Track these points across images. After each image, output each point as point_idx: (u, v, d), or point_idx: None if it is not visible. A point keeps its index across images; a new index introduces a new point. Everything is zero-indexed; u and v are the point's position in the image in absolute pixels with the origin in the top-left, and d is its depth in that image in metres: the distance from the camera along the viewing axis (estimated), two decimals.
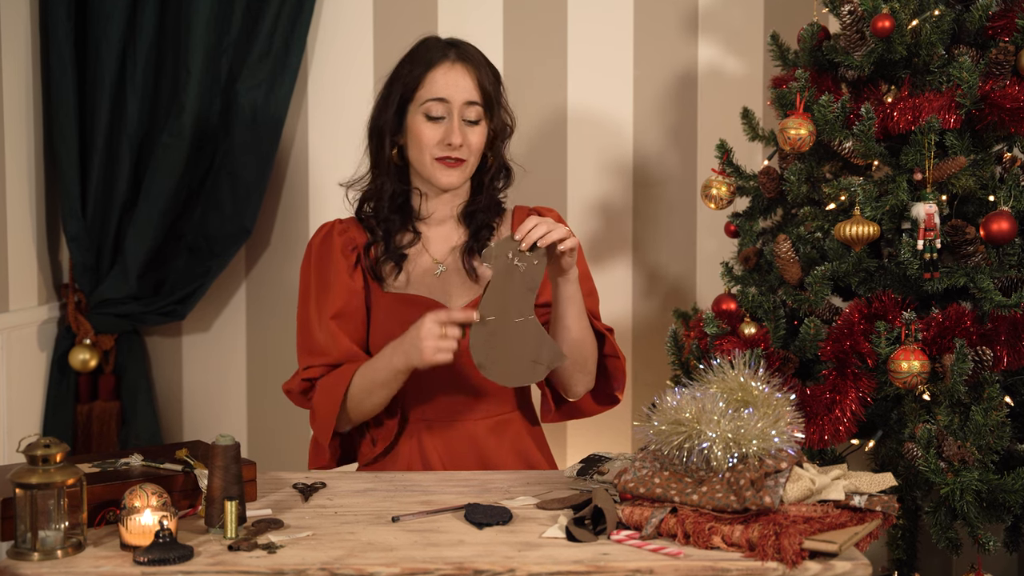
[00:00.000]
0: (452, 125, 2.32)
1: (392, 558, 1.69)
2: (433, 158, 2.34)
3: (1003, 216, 2.50)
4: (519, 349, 2.15)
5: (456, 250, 2.41)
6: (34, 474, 1.68)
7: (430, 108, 2.33)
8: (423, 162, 2.35)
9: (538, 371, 2.18)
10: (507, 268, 2.12)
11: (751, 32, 3.38)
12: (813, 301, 2.63)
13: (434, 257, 2.40)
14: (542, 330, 2.17)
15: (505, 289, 2.13)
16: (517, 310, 2.14)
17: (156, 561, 1.66)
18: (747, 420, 1.78)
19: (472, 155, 2.36)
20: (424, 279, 2.38)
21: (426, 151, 2.34)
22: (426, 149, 2.33)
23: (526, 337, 2.15)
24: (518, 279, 2.13)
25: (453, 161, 2.33)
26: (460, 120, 2.33)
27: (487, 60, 2.40)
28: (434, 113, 2.33)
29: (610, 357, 2.39)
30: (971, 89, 2.54)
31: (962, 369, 2.44)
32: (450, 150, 2.32)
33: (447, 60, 2.35)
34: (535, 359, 2.16)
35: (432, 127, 2.33)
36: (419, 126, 2.34)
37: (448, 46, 2.38)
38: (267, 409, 3.42)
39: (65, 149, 3.18)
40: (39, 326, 3.23)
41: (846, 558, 1.67)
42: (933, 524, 2.52)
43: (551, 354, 2.17)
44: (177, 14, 3.20)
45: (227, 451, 1.81)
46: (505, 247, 2.13)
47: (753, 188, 2.91)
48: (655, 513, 1.78)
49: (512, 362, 2.16)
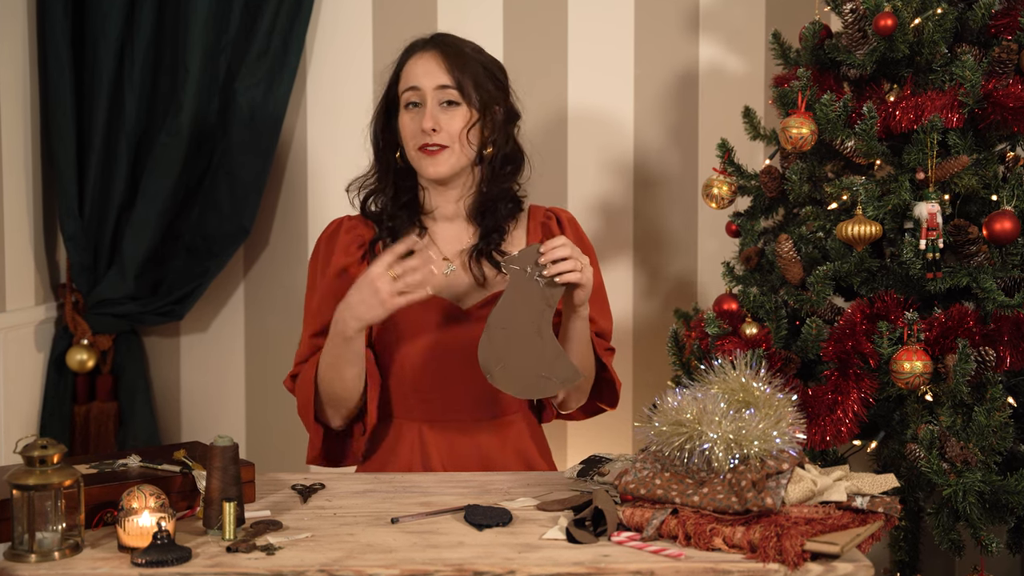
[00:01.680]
0: (427, 111, 2.31)
1: (391, 560, 1.69)
2: (415, 149, 2.33)
3: (1006, 216, 2.49)
4: (531, 362, 2.13)
5: (465, 251, 2.39)
6: (31, 475, 1.68)
7: (407, 98, 2.34)
8: (411, 156, 2.35)
9: (549, 386, 2.16)
10: (525, 280, 2.11)
11: (753, 30, 3.38)
12: (815, 301, 2.63)
13: (443, 255, 2.39)
14: (559, 348, 2.16)
15: (521, 301, 2.12)
16: (533, 324, 2.12)
17: (154, 563, 1.66)
18: (748, 421, 1.79)
19: (454, 141, 2.32)
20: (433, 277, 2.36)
21: (409, 143, 2.34)
22: (409, 141, 2.33)
23: (542, 352, 2.13)
24: (536, 293, 2.12)
25: (434, 148, 2.31)
26: (435, 104, 2.32)
27: (475, 49, 2.39)
28: (410, 101, 2.33)
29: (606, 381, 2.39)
30: (974, 88, 2.54)
31: (965, 369, 2.44)
32: (425, 136, 2.30)
33: (418, 51, 2.36)
34: (547, 374, 2.14)
35: (410, 116, 2.34)
36: (402, 119, 2.35)
37: (422, 39, 2.39)
38: (266, 410, 3.42)
39: (62, 148, 3.17)
40: (36, 326, 3.22)
41: (848, 560, 1.67)
42: (935, 525, 2.51)
43: (566, 372, 2.15)
44: (175, 12, 3.19)
45: (225, 452, 1.81)
46: (526, 258, 2.11)
47: (754, 187, 2.90)
48: (656, 514, 1.77)
49: (521, 373, 2.14)
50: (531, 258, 2.11)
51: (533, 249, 2.12)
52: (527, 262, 2.11)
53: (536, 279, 2.11)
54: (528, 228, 2.43)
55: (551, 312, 2.13)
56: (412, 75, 2.34)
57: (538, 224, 2.42)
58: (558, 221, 2.44)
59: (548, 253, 2.10)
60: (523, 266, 2.11)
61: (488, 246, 2.36)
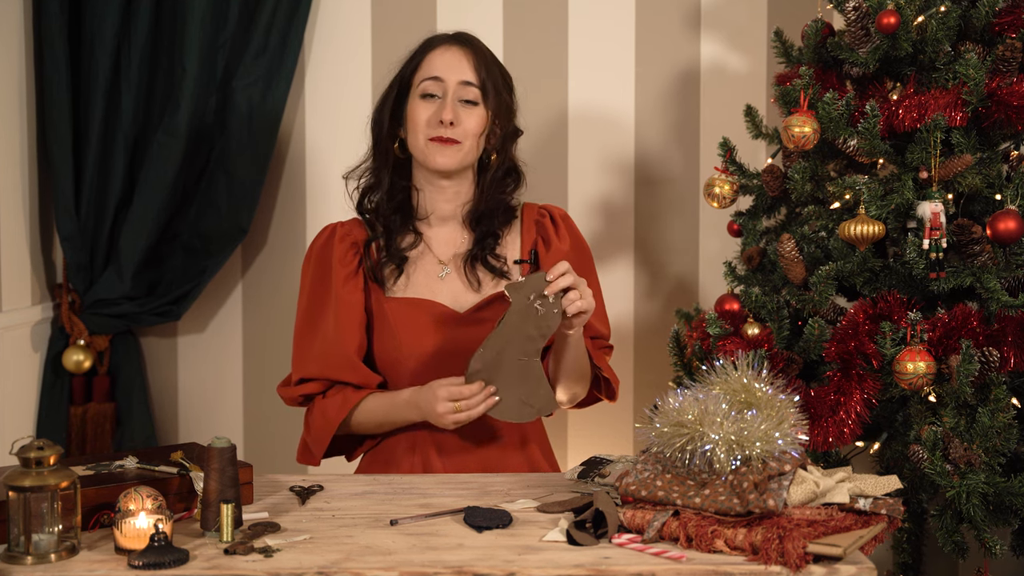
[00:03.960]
0: (445, 102, 2.31)
1: (390, 562, 1.68)
2: (427, 138, 2.31)
3: (1010, 215, 2.49)
4: (514, 387, 2.18)
5: (460, 255, 2.39)
6: (27, 477, 1.68)
7: (425, 87, 2.32)
8: (418, 145, 2.33)
9: (525, 412, 2.20)
10: (526, 308, 2.13)
11: (754, 28, 3.38)
12: (817, 301, 2.62)
13: (438, 258, 2.38)
14: (543, 376, 2.19)
15: (518, 327, 2.14)
16: (522, 349, 2.16)
17: (151, 565, 1.66)
18: (750, 422, 1.79)
19: (468, 138, 2.32)
20: (427, 281, 2.36)
21: (420, 131, 2.32)
22: (420, 129, 2.32)
23: (526, 377, 2.17)
24: (532, 321, 2.14)
25: (447, 140, 2.30)
26: (455, 100, 2.31)
27: (495, 57, 2.40)
28: (429, 91, 2.32)
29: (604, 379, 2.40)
30: (977, 86, 2.54)
31: (968, 370, 2.43)
32: (442, 128, 2.30)
33: (445, 43, 2.36)
34: (527, 400, 2.18)
35: (425, 105, 2.32)
36: (414, 107, 2.33)
37: (449, 35, 2.38)
38: (263, 411, 3.41)
39: (59, 147, 3.17)
40: (32, 327, 3.22)
41: (851, 562, 1.67)
42: (939, 527, 2.51)
43: (544, 401, 2.20)
44: (172, 10, 3.19)
45: (223, 453, 1.81)
46: (531, 287, 2.12)
47: (756, 187, 2.91)
48: (657, 516, 1.77)
49: (502, 397, 2.17)
50: (535, 287, 2.13)
51: (539, 278, 2.13)
52: (530, 291, 2.13)
53: (536, 306, 2.13)
54: (522, 227, 2.43)
55: (543, 342, 2.16)
56: (435, 66, 2.33)
57: (532, 223, 2.42)
58: (552, 219, 2.43)
59: (554, 284, 2.11)
60: (526, 293, 2.12)
61: (483, 251, 2.37)
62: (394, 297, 2.35)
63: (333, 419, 2.29)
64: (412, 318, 2.30)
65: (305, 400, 2.35)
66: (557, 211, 2.46)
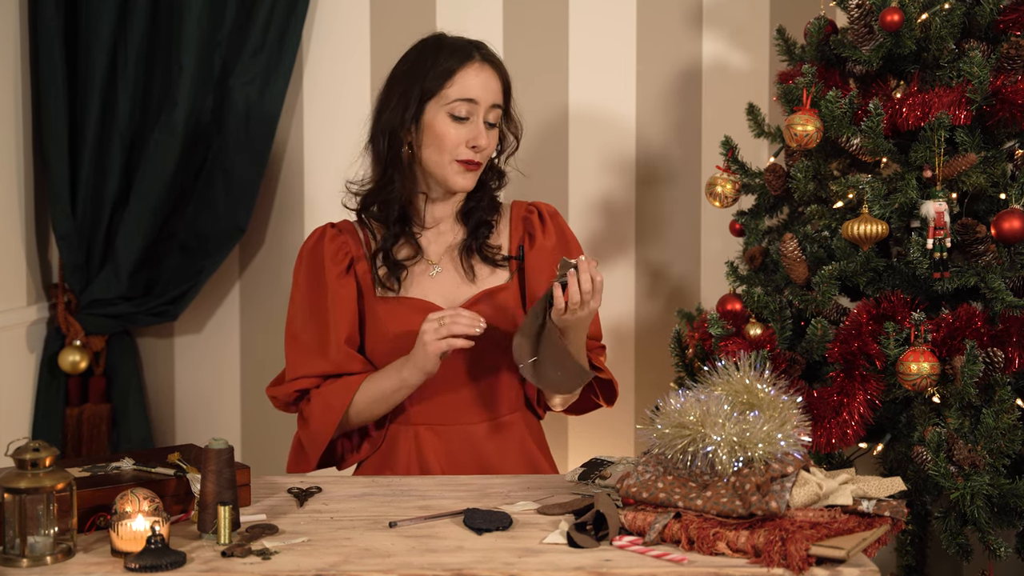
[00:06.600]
0: (479, 127, 2.29)
1: (389, 564, 1.69)
2: (453, 159, 2.30)
3: (1015, 214, 2.50)
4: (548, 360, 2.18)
5: (452, 249, 2.38)
6: (23, 478, 1.69)
7: (456, 108, 2.29)
8: (441, 163, 2.31)
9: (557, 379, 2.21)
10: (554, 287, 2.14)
11: (757, 26, 3.37)
12: (820, 301, 2.62)
13: (429, 259, 2.37)
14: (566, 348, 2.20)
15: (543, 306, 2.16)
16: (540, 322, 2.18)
17: (148, 567, 1.66)
18: (752, 423, 1.79)
19: (487, 159, 2.35)
20: (419, 281, 2.36)
21: (447, 152, 2.29)
22: (447, 150, 2.29)
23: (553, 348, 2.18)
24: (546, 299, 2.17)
25: (474, 165, 2.31)
26: (482, 121, 2.30)
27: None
28: (460, 113, 2.29)
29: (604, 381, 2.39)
30: (982, 84, 2.54)
31: (972, 371, 2.43)
32: (474, 153, 2.29)
33: (476, 60, 2.32)
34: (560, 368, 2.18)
35: (457, 128, 2.29)
36: (443, 126, 2.29)
37: (471, 45, 2.34)
38: (261, 412, 3.40)
39: (54, 146, 3.16)
40: (28, 327, 3.21)
41: (854, 564, 1.68)
42: (943, 530, 2.51)
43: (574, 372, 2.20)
44: (169, 8, 3.18)
45: (220, 455, 1.81)
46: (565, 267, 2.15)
47: (759, 186, 2.91)
48: (658, 518, 1.77)
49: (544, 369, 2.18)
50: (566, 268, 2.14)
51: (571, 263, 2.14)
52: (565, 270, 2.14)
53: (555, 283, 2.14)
54: (511, 223, 2.43)
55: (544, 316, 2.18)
56: (471, 86, 2.29)
57: (519, 219, 2.43)
58: (539, 215, 2.43)
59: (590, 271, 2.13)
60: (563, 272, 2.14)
61: (477, 241, 2.37)
62: (385, 297, 2.34)
63: (337, 405, 2.26)
64: (404, 318, 2.29)
65: (300, 396, 2.33)
66: (545, 207, 2.45)
